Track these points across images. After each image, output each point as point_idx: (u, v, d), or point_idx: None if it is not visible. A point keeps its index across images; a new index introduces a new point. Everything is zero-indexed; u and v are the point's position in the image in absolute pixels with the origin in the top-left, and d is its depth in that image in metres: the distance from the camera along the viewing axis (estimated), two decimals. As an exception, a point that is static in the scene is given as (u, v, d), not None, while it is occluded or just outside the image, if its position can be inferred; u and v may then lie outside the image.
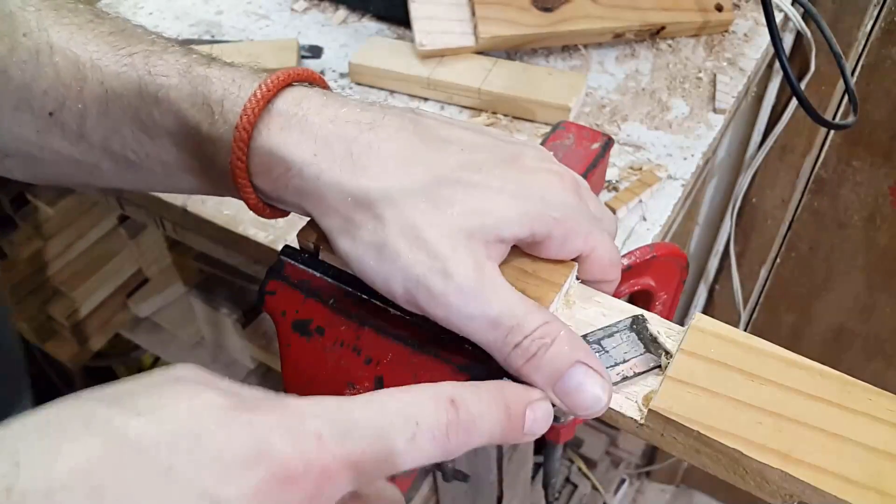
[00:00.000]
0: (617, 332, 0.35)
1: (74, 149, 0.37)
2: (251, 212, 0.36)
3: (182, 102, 0.34)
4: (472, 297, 0.31)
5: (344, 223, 0.32)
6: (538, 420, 0.30)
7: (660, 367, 0.34)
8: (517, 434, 0.30)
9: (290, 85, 0.34)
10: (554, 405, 0.31)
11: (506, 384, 0.31)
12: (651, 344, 0.34)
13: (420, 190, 0.32)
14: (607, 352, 0.34)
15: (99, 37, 0.36)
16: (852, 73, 0.88)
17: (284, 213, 0.37)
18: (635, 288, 0.46)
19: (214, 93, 0.34)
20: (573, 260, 0.36)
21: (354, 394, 0.36)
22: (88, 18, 0.37)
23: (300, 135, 0.33)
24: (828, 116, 0.91)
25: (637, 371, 0.34)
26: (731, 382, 0.32)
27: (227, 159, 0.33)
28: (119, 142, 0.36)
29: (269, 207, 0.36)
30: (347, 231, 0.32)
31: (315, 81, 0.36)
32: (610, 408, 0.33)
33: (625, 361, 0.34)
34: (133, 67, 0.35)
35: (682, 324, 0.36)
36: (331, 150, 0.33)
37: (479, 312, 0.31)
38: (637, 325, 0.35)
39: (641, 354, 0.34)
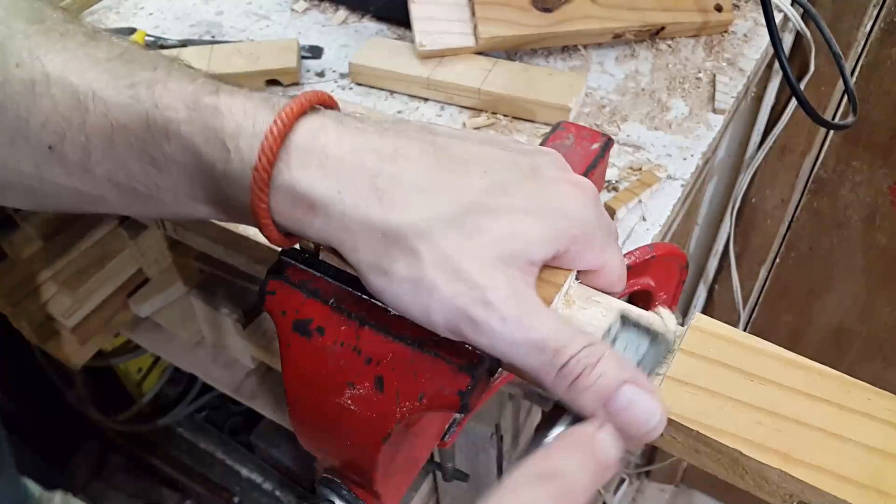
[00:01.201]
0: (616, 338, 0.35)
1: (77, 180, 0.35)
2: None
3: (194, 137, 0.33)
4: (515, 323, 0.30)
5: (375, 260, 0.32)
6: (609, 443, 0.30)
7: (671, 350, 0.34)
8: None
9: (304, 115, 0.33)
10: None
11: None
12: (650, 332, 0.34)
13: (450, 220, 0.31)
14: None
15: (97, 64, 0.34)
16: (852, 74, 0.88)
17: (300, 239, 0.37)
18: (635, 288, 0.46)
19: (227, 127, 0.32)
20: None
21: (355, 394, 0.36)
22: (81, 42, 0.35)
23: (321, 171, 0.32)
24: (827, 116, 0.91)
25: (659, 365, 0.34)
26: (731, 382, 0.32)
27: (245, 196, 0.32)
28: (126, 174, 0.35)
29: (290, 237, 0.35)
30: (380, 267, 0.32)
31: (325, 104, 0.35)
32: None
33: (642, 360, 0.34)
34: (138, 100, 0.33)
35: (681, 324, 0.36)
36: (355, 186, 0.32)
37: (523, 338, 0.30)
38: (628, 321, 0.35)
39: (650, 348, 0.34)
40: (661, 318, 0.35)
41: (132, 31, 0.71)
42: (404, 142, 0.33)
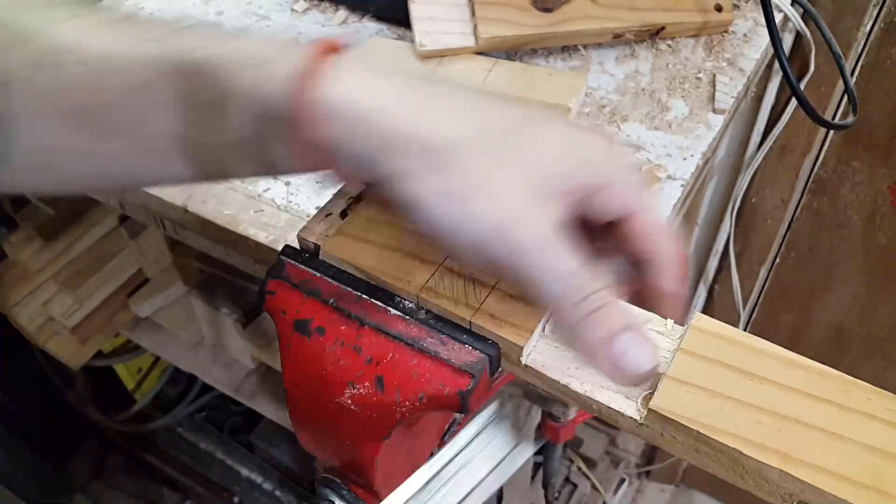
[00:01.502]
0: None
1: (110, 146, 0.35)
2: (295, 172, 0.35)
3: (233, 67, 0.33)
4: (549, 249, 0.31)
5: (412, 173, 0.31)
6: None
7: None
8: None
9: (336, 51, 0.33)
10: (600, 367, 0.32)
11: None
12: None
13: (490, 142, 0.32)
14: None
15: (112, 27, 0.35)
16: (852, 74, 0.88)
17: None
18: (635, 288, 0.46)
19: (267, 53, 0.33)
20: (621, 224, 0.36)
21: (355, 393, 0.36)
22: (85, 11, 0.35)
23: (369, 84, 0.32)
24: (827, 116, 0.91)
25: None
26: (731, 382, 0.32)
27: (287, 113, 0.32)
28: (164, 124, 0.34)
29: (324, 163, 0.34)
30: (416, 182, 0.31)
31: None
32: (610, 407, 0.33)
33: None
34: (162, 47, 0.34)
35: (681, 323, 0.36)
36: (400, 99, 0.32)
37: (546, 267, 0.31)
38: None
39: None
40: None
41: (132, 31, 0.70)
42: (442, 81, 0.34)
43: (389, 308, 0.36)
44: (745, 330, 0.34)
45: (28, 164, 0.36)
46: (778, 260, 1.16)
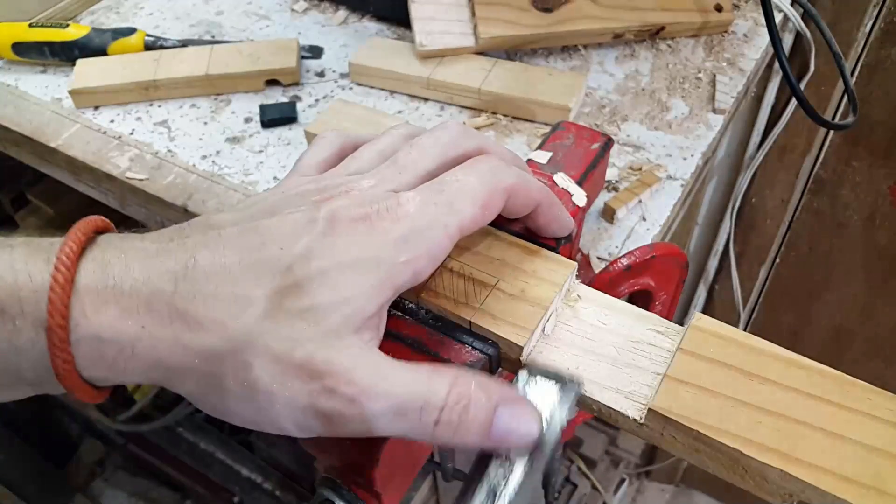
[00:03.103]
0: (525, 390, 0.32)
1: None
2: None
3: None
4: (368, 399, 0.28)
5: (204, 385, 0.29)
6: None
7: (580, 392, 0.33)
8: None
9: (83, 253, 0.29)
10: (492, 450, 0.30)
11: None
12: (558, 378, 0.32)
13: (264, 315, 0.28)
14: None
15: None
16: (852, 74, 0.88)
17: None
18: (635, 288, 0.46)
19: (1, 294, 0.28)
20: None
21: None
22: None
23: (119, 310, 0.28)
24: (827, 116, 0.91)
25: (572, 408, 0.32)
26: (731, 382, 0.32)
27: (41, 361, 0.28)
28: None
29: (105, 389, 0.31)
30: (211, 390, 0.29)
31: (100, 229, 0.31)
32: (610, 407, 0.33)
33: (554, 408, 0.32)
34: None
35: (681, 323, 0.36)
36: (158, 315, 0.28)
37: (381, 410, 0.28)
38: (534, 370, 0.33)
39: (560, 393, 0.32)
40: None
41: (132, 31, 0.71)
42: (191, 251, 0.30)
43: (389, 308, 0.36)
44: (745, 330, 0.34)
45: None
46: (778, 260, 1.16)
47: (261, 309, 0.28)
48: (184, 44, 0.71)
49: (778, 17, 0.74)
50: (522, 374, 0.32)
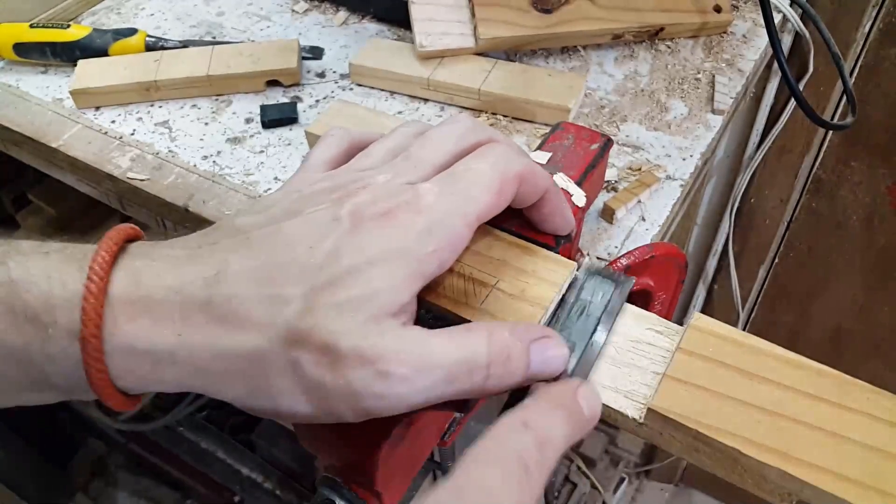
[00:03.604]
0: (583, 286, 0.37)
1: None
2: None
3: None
4: (416, 375, 0.29)
5: (252, 387, 0.30)
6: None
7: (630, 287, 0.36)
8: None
9: (115, 263, 0.30)
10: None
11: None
12: (612, 277, 0.37)
13: (303, 313, 0.29)
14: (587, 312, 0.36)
15: None
16: (851, 74, 0.89)
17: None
18: (634, 287, 0.46)
19: (35, 301, 0.28)
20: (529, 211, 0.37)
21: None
22: None
23: (153, 321, 0.29)
24: (826, 117, 0.92)
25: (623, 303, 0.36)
26: (730, 381, 0.32)
27: (75, 371, 0.29)
28: None
29: (137, 397, 0.32)
30: (260, 392, 0.30)
31: (130, 237, 0.32)
32: (609, 407, 0.33)
33: (609, 302, 0.36)
34: None
35: (680, 323, 0.36)
36: (193, 323, 0.29)
37: (430, 383, 0.29)
38: (591, 270, 0.37)
39: (614, 291, 0.36)
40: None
41: (133, 31, 0.71)
42: (221, 255, 0.30)
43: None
44: (744, 330, 0.34)
45: None
46: (777, 260, 1.17)
47: (300, 306, 0.29)
48: (185, 44, 0.71)
49: (777, 18, 0.74)
50: (582, 274, 0.36)
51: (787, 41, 0.86)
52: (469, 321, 0.35)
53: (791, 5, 0.76)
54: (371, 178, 0.33)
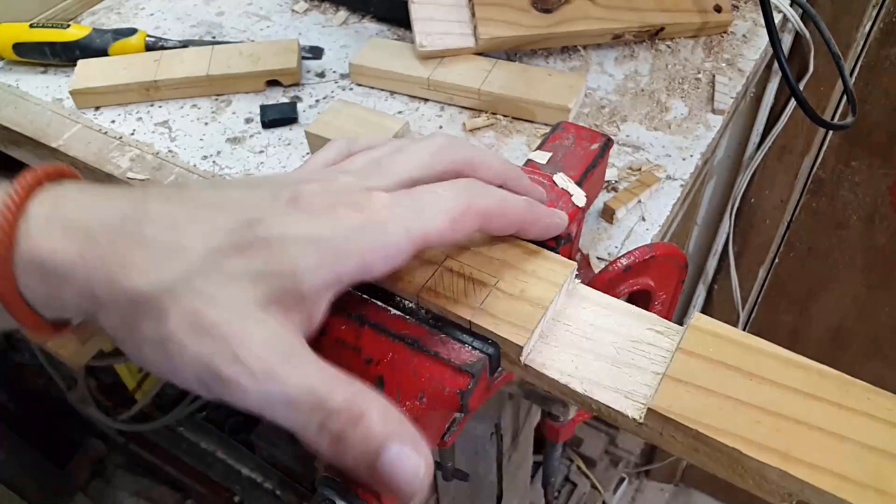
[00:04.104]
0: None
1: None
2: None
3: None
4: (266, 377, 0.28)
5: (123, 324, 0.29)
6: None
7: None
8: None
9: (40, 185, 0.31)
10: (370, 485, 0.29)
11: None
12: None
13: (199, 270, 0.29)
14: None
15: None
16: (851, 74, 0.89)
17: (69, 327, 0.33)
18: (634, 287, 0.46)
19: None
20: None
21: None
22: None
23: (63, 235, 0.29)
24: (826, 117, 0.91)
25: None
26: (730, 382, 0.32)
27: None
28: None
29: (54, 325, 0.32)
30: (129, 333, 0.29)
31: (66, 175, 0.32)
32: (610, 407, 0.33)
33: None
34: None
35: (680, 323, 0.36)
36: (98, 249, 0.29)
37: (275, 392, 0.28)
38: None
39: None
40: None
41: (133, 31, 0.71)
42: (151, 200, 0.31)
43: (389, 308, 0.36)
44: (744, 330, 0.34)
45: None
46: (777, 260, 1.17)
47: (194, 262, 0.29)
48: (184, 44, 0.71)
49: (777, 18, 0.74)
50: None
51: (787, 41, 0.86)
52: (469, 321, 0.35)
53: (791, 5, 0.76)
54: (335, 176, 0.33)
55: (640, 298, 0.47)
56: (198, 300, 0.28)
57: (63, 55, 0.70)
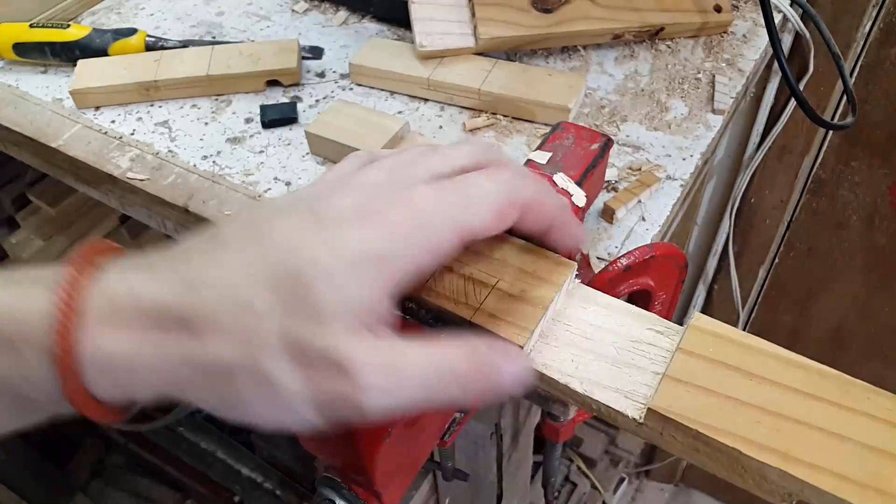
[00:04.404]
0: None
1: None
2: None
3: None
4: (395, 388, 0.28)
5: (223, 396, 0.29)
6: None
7: None
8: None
9: (86, 278, 0.29)
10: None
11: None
12: None
13: (272, 320, 0.28)
14: None
15: None
16: (851, 74, 0.89)
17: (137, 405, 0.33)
18: (634, 288, 0.46)
19: (6, 326, 0.28)
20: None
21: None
22: None
23: (122, 328, 0.28)
24: (826, 117, 0.92)
25: None
26: (730, 382, 0.32)
27: (52, 387, 0.28)
28: None
29: (122, 410, 0.31)
30: (232, 400, 0.29)
31: (99, 251, 0.31)
32: (609, 407, 0.33)
33: None
34: None
35: (680, 323, 0.36)
36: (162, 330, 0.28)
37: (410, 394, 0.28)
38: None
39: None
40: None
41: (133, 31, 0.71)
42: (190, 259, 0.30)
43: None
44: (744, 329, 0.34)
45: None
46: (777, 260, 1.17)
47: (268, 312, 0.28)
48: (184, 44, 0.71)
49: (777, 18, 0.74)
50: None
51: (787, 41, 0.86)
52: (468, 321, 0.35)
53: (791, 5, 0.76)
54: (363, 177, 0.32)
55: (640, 298, 0.47)
56: (288, 346, 0.28)
57: (63, 55, 0.70)
